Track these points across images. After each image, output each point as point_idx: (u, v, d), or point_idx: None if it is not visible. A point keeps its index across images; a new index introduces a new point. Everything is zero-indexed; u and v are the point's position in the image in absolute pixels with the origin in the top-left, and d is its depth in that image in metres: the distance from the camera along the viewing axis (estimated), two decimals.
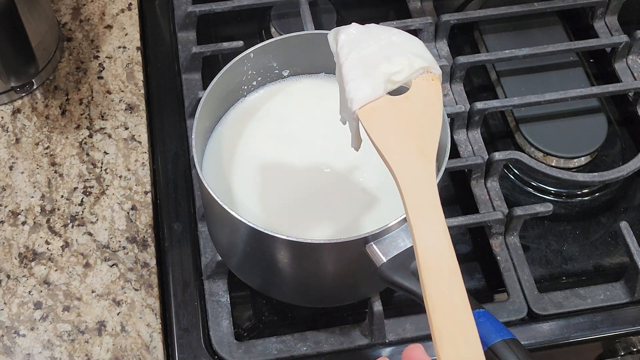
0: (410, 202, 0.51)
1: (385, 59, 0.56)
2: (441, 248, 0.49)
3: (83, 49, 0.90)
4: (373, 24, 0.59)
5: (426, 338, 0.62)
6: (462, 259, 0.81)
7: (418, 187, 0.51)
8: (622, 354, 0.76)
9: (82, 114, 0.85)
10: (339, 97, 0.59)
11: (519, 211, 0.77)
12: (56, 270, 0.75)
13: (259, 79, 0.76)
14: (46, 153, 0.82)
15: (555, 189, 0.85)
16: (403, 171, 0.52)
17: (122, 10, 0.93)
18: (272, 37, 0.82)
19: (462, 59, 0.87)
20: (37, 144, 0.83)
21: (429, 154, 0.53)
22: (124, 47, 0.90)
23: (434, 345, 0.45)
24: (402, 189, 0.51)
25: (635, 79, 0.89)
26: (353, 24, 0.59)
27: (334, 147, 0.72)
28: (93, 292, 0.74)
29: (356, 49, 0.56)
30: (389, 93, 0.55)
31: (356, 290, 0.71)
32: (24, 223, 0.78)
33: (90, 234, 0.78)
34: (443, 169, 0.64)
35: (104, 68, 0.89)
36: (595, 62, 0.95)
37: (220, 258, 0.74)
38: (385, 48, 0.57)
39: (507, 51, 0.88)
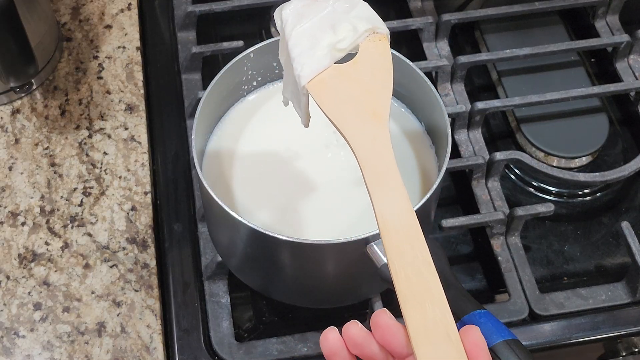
0: (366, 167, 0.50)
1: (330, 28, 0.55)
2: (401, 211, 0.48)
3: (82, 49, 0.90)
4: None
5: None
6: (463, 259, 0.82)
7: (373, 152, 0.51)
8: (624, 354, 0.76)
9: (81, 114, 0.85)
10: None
11: (520, 211, 0.77)
12: (56, 271, 0.75)
13: (259, 79, 0.75)
14: (46, 153, 0.82)
15: (556, 189, 0.85)
16: (356, 138, 0.51)
17: (122, 10, 0.93)
18: (272, 37, 0.82)
19: (463, 59, 0.87)
20: (36, 145, 0.83)
21: (381, 116, 0.52)
22: (124, 47, 0.90)
23: (400, 308, 0.45)
24: (357, 155, 0.51)
25: (637, 79, 0.89)
26: None
27: (335, 147, 0.72)
28: (93, 293, 0.74)
29: (300, 22, 0.56)
30: (339, 61, 0.55)
31: (357, 290, 0.71)
32: (23, 224, 0.78)
33: (90, 235, 0.77)
34: (444, 168, 0.64)
35: (103, 68, 0.88)
36: (597, 61, 0.94)
37: (220, 259, 0.74)
38: (329, 17, 0.56)
39: (508, 51, 0.88)
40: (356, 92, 0.54)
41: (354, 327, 0.46)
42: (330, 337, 0.46)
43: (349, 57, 0.55)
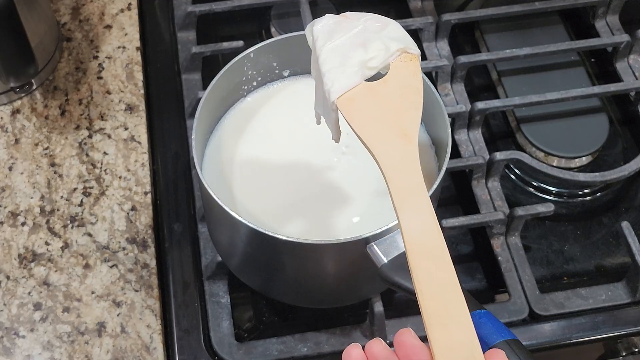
0: (394, 186, 0.50)
1: (361, 46, 0.55)
2: (428, 230, 0.48)
3: (82, 49, 0.90)
4: (348, 12, 0.59)
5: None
6: (463, 259, 0.82)
7: (401, 171, 0.51)
8: (624, 354, 0.75)
9: (81, 115, 0.85)
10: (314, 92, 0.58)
11: (520, 211, 0.77)
12: (56, 271, 0.75)
13: (259, 79, 0.75)
14: (46, 154, 0.82)
15: (556, 189, 0.85)
16: (385, 156, 0.51)
17: (122, 10, 0.93)
18: (272, 37, 0.82)
19: (463, 59, 0.87)
20: (36, 145, 0.83)
21: (410, 137, 0.52)
22: (124, 47, 0.90)
23: (425, 329, 0.45)
24: (385, 174, 0.51)
25: (637, 79, 0.89)
26: (327, 14, 0.58)
27: (335, 147, 0.72)
28: (93, 293, 0.74)
29: (331, 39, 0.56)
30: (369, 79, 0.55)
31: (357, 290, 0.71)
32: (23, 224, 0.78)
33: (90, 235, 0.77)
34: (444, 169, 0.64)
35: (103, 68, 0.88)
36: (597, 61, 0.94)
37: (220, 259, 0.74)
38: (360, 35, 0.56)
39: (508, 51, 0.88)
40: (386, 111, 0.53)
41: (377, 345, 0.45)
42: (353, 353, 0.45)
43: (378, 76, 0.55)
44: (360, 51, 0.55)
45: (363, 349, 0.46)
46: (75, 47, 0.90)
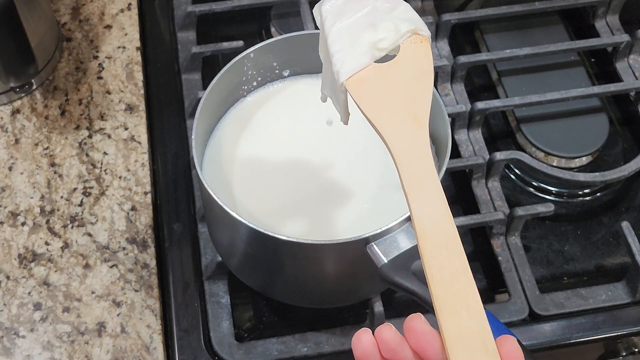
0: (404, 170, 0.49)
1: (371, 27, 0.54)
2: (439, 216, 0.47)
3: (82, 49, 0.90)
4: None
5: None
6: None
7: (412, 156, 0.50)
8: (624, 354, 0.75)
9: (81, 115, 0.85)
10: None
11: (520, 211, 0.77)
12: (56, 271, 0.75)
13: (259, 79, 0.75)
14: (46, 154, 0.82)
15: (556, 189, 0.85)
16: (395, 140, 0.51)
17: (122, 10, 0.93)
18: (272, 37, 0.82)
19: (463, 59, 0.87)
20: (36, 145, 0.83)
21: (421, 120, 0.51)
22: (124, 47, 0.90)
23: (436, 316, 0.44)
24: (395, 158, 0.50)
25: (637, 79, 0.89)
26: None
27: (335, 147, 0.72)
28: (93, 293, 0.74)
29: (340, 19, 0.55)
30: (378, 60, 0.54)
31: (357, 290, 0.71)
32: (23, 224, 0.78)
33: (90, 235, 0.77)
34: (444, 168, 0.64)
35: (103, 68, 0.88)
36: (597, 61, 0.94)
37: (220, 259, 0.74)
38: (370, 15, 0.55)
39: (508, 51, 0.88)
40: (396, 93, 0.53)
41: (388, 330, 0.44)
42: (363, 339, 0.44)
43: (387, 57, 0.55)
44: (370, 32, 0.54)
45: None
46: (75, 47, 0.90)
